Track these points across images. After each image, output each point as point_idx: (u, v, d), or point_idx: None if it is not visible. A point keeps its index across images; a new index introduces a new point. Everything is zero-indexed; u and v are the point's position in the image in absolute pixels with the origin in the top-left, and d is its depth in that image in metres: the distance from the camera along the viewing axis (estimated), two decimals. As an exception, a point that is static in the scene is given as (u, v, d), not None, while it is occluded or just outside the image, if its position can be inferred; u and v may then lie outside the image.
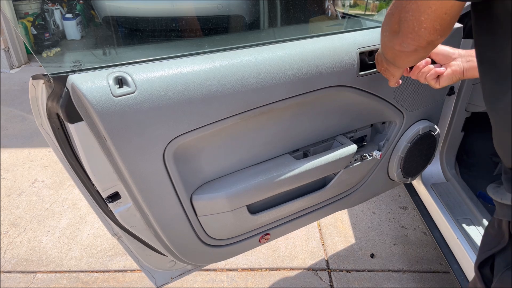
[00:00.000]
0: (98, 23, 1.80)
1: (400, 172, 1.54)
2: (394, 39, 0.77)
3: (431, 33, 0.69)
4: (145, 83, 0.88)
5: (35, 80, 0.90)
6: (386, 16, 0.78)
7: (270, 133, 1.17)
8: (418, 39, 0.72)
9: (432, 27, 0.68)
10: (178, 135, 0.95)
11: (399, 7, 0.72)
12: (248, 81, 0.99)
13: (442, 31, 0.69)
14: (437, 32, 0.69)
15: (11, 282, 1.90)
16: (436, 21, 0.67)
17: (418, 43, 0.73)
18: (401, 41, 0.75)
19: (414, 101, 1.41)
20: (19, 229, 2.25)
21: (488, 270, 0.80)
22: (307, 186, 1.32)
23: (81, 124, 0.87)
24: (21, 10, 4.86)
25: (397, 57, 0.85)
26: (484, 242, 0.81)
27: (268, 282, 1.91)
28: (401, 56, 0.81)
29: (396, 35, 0.75)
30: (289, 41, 1.13)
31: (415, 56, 0.79)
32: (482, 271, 0.81)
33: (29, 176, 2.74)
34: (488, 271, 0.80)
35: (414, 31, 0.70)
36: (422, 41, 0.72)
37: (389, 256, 2.08)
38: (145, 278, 1.90)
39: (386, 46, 0.83)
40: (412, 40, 0.73)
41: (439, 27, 0.68)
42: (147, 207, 1.01)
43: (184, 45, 1.42)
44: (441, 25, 0.68)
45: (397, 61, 0.88)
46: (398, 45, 0.77)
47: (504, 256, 0.74)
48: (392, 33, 0.76)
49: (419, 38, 0.71)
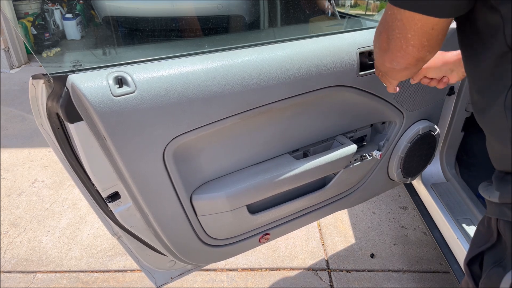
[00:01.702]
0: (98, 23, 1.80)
1: (400, 172, 1.54)
2: (384, 56, 0.77)
3: (420, 50, 0.69)
4: (145, 83, 0.88)
5: (35, 80, 0.90)
6: (376, 34, 0.78)
7: (270, 133, 1.17)
8: (407, 57, 0.72)
9: (419, 44, 0.68)
10: (178, 135, 0.95)
11: (386, 25, 0.72)
12: (248, 81, 0.99)
13: (430, 47, 0.69)
14: (425, 48, 0.69)
15: (11, 282, 1.90)
16: (423, 37, 0.67)
17: (407, 61, 0.73)
18: (391, 59, 0.75)
19: (414, 101, 1.41)
20: (19, 229, 2.25)
21: (477, 267, 0.80)
22: (307, 186, 1.32)
23: (81, 124, 0.87)
24: (21, 10, 4.86)
25: (389, 72, 0.85)
26: (474, 239, 0.82)
27: (268, 282, 1.90)
28: (393, 72, 0.82)
29: (386, 53, 0.75)
30: (289, 41, 1.13)
31: (407, 72, 0.80)
32: (471, 267, 0.81)
33: (29, 176, 2.74)
34: (477, 267, 0.80)
35: (402, 49, 0.70)
36: (411, 58, 0.72)
37: (389, 256, 2.07)
38: (145, 278, 1.90)
39: (378, 62, 0.84)
40: (401, 59, 0.73)
41: (426, 43, 0.68)
42: (147, 207, 1.01)
43: (184, 45, 1.42)
44: (428, 40, 0.67)
45: (390, 75, 0.89)
46: (388, 63, 0.77)
47: (492, 253, 0.75)
48: (381, 51, 0.77)
49: (408, 55, 0.71)
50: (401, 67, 0.75)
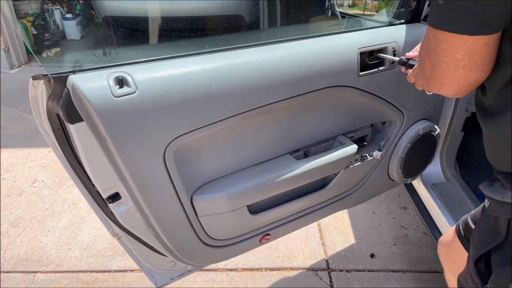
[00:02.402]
0: (98, 23, 1.80)
1: (400, 172, 1.54)
2: (430, 84, 0.69)
3: (473, 71, 0.61)
4: (145, 83, 0.88)
5: (35, 80, 0.90)
6: (418, 60, 0.72)
7: (271, 133, 1.17)
8: (457, 83, 0.63)
9: (473, 64, 0.60)
10: (178, 136, 0.95)
11: (428, 50, 0.65)
12: (249, 81, 0.99)
13: (484, 66, 0.61)
14: (479, 68, 0.60)
15: (11, 282, 1.90)
16: (475, 56, 0.59)
17: (458, 88, 0.64)
18: (438, 87, 0.67)
19: (414, 101, 1.41)
20: (19, 229, 2.25)
21: (483, 265, 0.80)
22: (307, 186, 1.32)
23: (81, 124, 0.87)
24: (21, 10, 4.86)
25: None
26: (479, 238, 0.82)
27: (268, 282, 1.90)
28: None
29: (430, 80, 0.68)
30: (289, 41, 1.13)
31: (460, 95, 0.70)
32: (478, 266, 0.81)
33: (29, 176, 2.74)
34: (483, 266, 0.80)
35: (451, 74, 0.62)
36: (462, 83, 0.63)
37: (389, 256, 2.07)
38: (145, 278, 1.90)
39: (425, 87, 0.75)
40: (450, 86, 0.64)
41: (480, 62, 0.60)
42: (147, 207, 1.01)
43: (184, 45, 1.42)
44: (482, 59, 0.59)
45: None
46: (436, 90, 0.69)
47: (500, 251, 0.74)
48: (426, 78, 0.69)
49: (458, 81, 0.63)
50: (451, 94, 0.67)
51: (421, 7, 1.37)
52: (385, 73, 1.26)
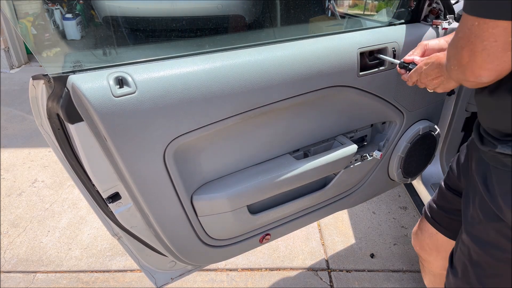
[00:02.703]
0: (98, 23, 1.80)
1: (400, 172, 1.54)
2: (466, 72, 0.71)
3: None
4: (145, 83, 0.88)
5: (35, 80, 0.90)
6: (452, 50, 0.73)
7: (271, 133, 1.17)
8: (502, 66, 0.65)
9: None
10: (178, 136, 0.95)
11: (470, 38, 0.65)
12: (249, 81, 0.99)
13: None
14: None
15: (11, 282, 1.90)
16: None
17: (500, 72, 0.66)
18: (478, 74, 0.68)
19: (414, 101, 1.41)
20: (19, 229, 2.25)
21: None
22: (307, 186, 1.32)
23: (81, 124, 0.87)
24: (21, 10, 4.85)
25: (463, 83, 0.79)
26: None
27: (268, 282, 1.90)
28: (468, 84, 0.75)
29: (467, 69, 0.69)
30: (289, 41, 1.13)
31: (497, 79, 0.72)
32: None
33: (29, 176, 2.74)
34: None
35: (497, 58, 0.64)
36: (508, 65, 0.65)
37: (389, 256, 2.07)
38: (145, 278, 1.90)
39: (458, 79, 0.76)
40: (493, 71, 0.66)
41: None
42: (147, 207, 1.01)
43: (184, 45, 1.42)
44: None
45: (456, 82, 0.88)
46: (473, 78, 0.70)
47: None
48: (462, 68, 0.71)
49: (505, 64, 0.64)
50: (490, 79, 0.68)
51: (421, 7, 1.37)
52: (385, 73, 1.26)
